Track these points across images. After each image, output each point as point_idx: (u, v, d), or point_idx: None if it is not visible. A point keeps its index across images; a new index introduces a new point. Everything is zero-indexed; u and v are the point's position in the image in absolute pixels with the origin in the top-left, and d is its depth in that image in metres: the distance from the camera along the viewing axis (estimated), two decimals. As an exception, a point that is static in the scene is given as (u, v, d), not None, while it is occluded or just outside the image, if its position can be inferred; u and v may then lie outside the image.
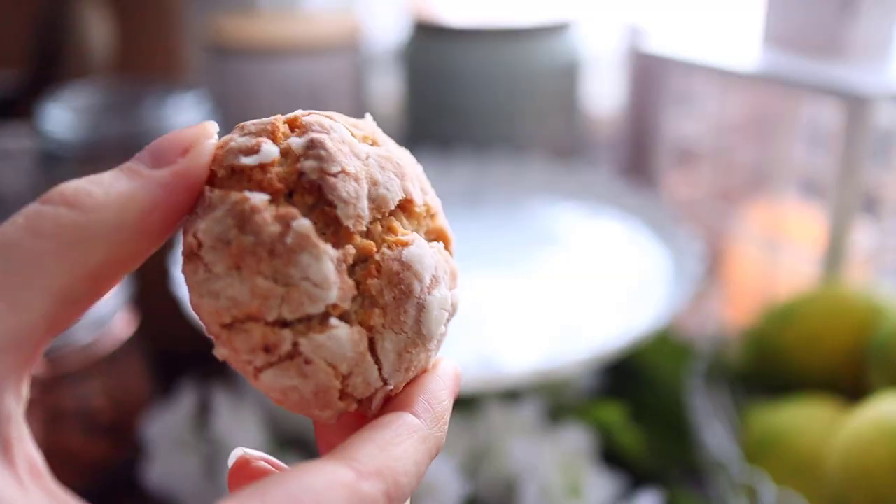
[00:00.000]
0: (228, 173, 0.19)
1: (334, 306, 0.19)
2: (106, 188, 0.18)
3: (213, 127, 0.20)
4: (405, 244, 0.20)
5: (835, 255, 0.54)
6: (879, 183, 0.58)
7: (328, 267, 0.19)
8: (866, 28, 0.54)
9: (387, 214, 0.20)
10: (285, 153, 0.20)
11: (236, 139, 0.20)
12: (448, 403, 0.21)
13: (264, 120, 0.21)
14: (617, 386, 0.57)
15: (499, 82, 0.73)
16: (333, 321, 0.19)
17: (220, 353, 0.19)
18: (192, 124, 0.20)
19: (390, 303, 0.20)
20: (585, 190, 0.70)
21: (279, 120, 0.21)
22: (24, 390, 0.17)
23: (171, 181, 0.19)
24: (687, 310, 0.61)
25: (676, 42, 0.62)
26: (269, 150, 0.19)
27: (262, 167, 0.19)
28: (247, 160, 0.19)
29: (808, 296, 0.52)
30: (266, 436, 0.49)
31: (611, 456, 0.51)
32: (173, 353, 0.60)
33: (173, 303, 0.52)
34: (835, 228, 0.54)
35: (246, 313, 0.18)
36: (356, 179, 0.20)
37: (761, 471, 0.44)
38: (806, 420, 0.46)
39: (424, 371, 0.22)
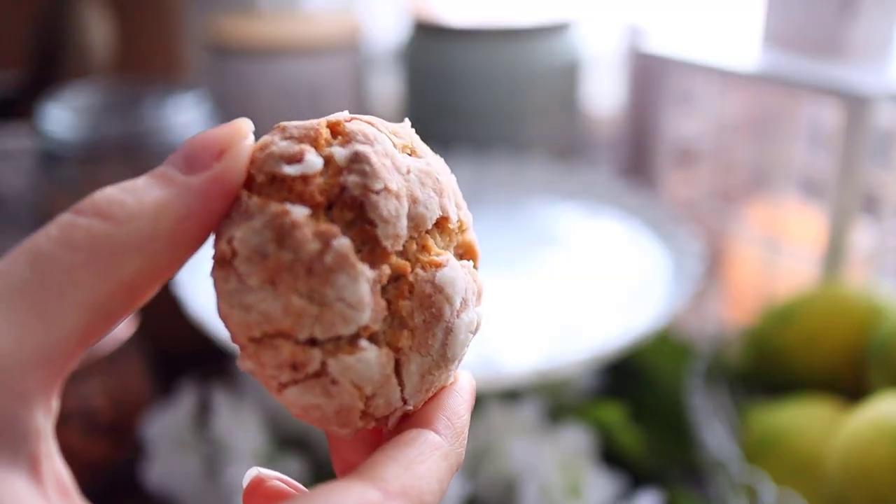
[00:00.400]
0: (268, 180, 0.19)
1: (365, 328, 0.19)
2: (139, 197, 0.17)
3: (248, 126, 0.19)
4: (439, 265, 0.20)
5: (835, 255, 0.54)
6: (879, 183, 0.58)
7: (364, 289, 0.18)
8: (866, 28, 0.54)
9: (423, 233, 0.20)
10: (327, 162, 0.19)
11: (277, 143, 0.19)
12: (466, 418, 0.21)
13: (307, 124, 0.20)
14: (617, 386, 0.57)
15: (499, 82, 0.73)
16: (363, 343, 0.19)
17: (244, 365, 0.19)
18: (225, 125, 0.19)
19: (420, 325, 0.20)
20: (585, 190, 0.70)
21: (322, 125, 0.20)
22: (55, 405, 0.17)
23: (206, 188, 0.18)
24: (687, 310, 0.61)
25: (676, 42, 0.62)
26: (313, 161, 0.19)
27: (304, 178, 0.19)
28: (289, 170, 0.19)
29: (808, 296, 0.52)
30: (266, 436, 0.49)
31: (611, 456, 0.51)
32: (173, 353, 0.60)
33: (173, 303, 0.52)
34: (835, 228, 0.54)
35: (277, 329, 0.18)
36: (397, 197, 0.19)
37: (761, 471, 0.44)
38: (806, 420, 0.46)
39: (443, 388, 0.21)
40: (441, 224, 0.21)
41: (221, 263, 0.19)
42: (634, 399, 0.55)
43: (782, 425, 0.47)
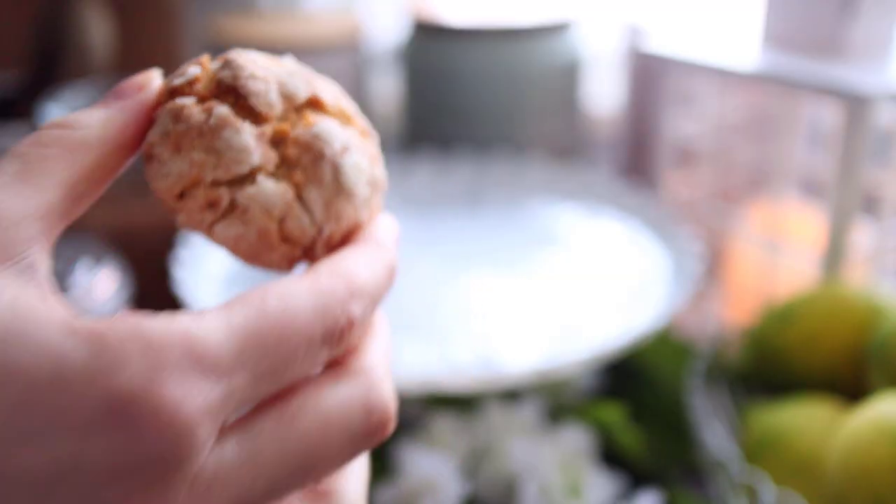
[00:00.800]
0: (168, 96, 0.25)
1: (260, 168, 0.24)
2: (87, 114, 0.24)
3: (157, 71, 0.26)
4: (314, 123, 0.25)
5: (835, 255, 0.54)
6: (879, 183, 0.58)
7: (247, 138, 0.23)
8: (866, 28, 0.54)
9: (300, 109, 0.25)
10: (211, 78, 0.25)
11: (174, 76, 0.26)
12: (389, 235, 0.25)
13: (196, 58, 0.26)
14: (617, 386, 0.57)
15: (499, 82, 0.73)
16: (260, 177, 0.23)
17: (180, 220, 0.24)
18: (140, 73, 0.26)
19: (308, 163, 0.24)
20: (585, 190, 0.70)
21: (206, 56, 0.26)
22: (48, 260, 0.21)
23: (134, 106, 0.24)
24: (687, 310, 0.61)
25: (676, 42, 0.62)
26: (193, 69, 0.25)
27: (189, 83, 0.25)
28: (177, 80, 0.25)
29: (808, 296, 0.52)
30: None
31: (611, 456, 0.51)
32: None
33: (173, 303, 0.52)
34: (835, 228, 0.54)
35: (190, 181, 0.23)
36: (265, 81, 0.25)
37: (761, 471, 0.44)
38: (806, 420, 0.46)
39: (360, 224, 0.25)
40: (316, 104, 0.25)
41: (147, 159, 0.24)
42: (634, 399, 0.55)
43: (782, 425, 0.47)
